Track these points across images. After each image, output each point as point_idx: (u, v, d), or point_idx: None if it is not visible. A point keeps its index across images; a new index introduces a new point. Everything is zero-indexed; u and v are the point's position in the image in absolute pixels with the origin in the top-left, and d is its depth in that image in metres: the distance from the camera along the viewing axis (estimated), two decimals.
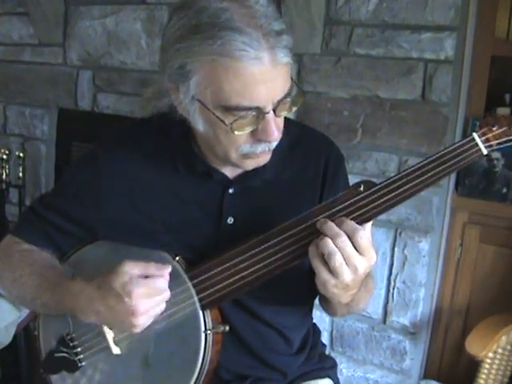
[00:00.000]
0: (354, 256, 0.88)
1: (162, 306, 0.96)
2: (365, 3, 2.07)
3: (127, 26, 2.54)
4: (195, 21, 0.87)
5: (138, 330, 0.95)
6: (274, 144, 0.97)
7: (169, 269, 0.96)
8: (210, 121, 0.93)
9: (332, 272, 0.88)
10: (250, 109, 0.89)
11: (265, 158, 1.00)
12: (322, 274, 0.89)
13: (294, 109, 0.97)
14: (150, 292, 0.93)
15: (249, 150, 0.95)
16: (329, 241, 0.88)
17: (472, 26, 1.96)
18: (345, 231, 0.88)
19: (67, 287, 1.00)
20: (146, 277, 0.94)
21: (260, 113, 0.90)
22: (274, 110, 0.91)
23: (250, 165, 1.00)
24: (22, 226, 1.14)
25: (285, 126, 1.03)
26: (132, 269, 0.93)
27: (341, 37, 2.13)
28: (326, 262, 0.88)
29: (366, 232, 0.90)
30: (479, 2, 1.95)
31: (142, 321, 0.94)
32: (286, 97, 0.92)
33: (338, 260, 0.87)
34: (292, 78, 0.94)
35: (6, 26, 2.88)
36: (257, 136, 0.93)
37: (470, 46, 1.98)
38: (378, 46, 2.07)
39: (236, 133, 0.91)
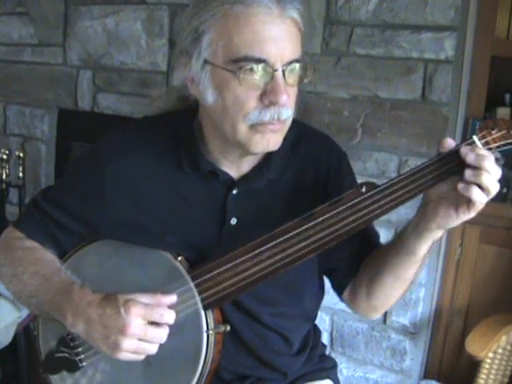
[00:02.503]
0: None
1: (152, 347, 0.95)
2: (365, 3, 2.07)
3: (127, 25, 2.54)
4: None
5: (118, 353, 0.93)
6: (284, 114, 0.95)
7: (174, 297, 0.97)
8: (220, 83, 0.94)
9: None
10: (258, 61, 0.90)
11: (274, 141, 0.98)
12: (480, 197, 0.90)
13: (306, 80, 0.97)
14: (146, 316, 0.93)
15: (257, 117, 0.94)
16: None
17: (472, 26, 1.96)
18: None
19: (70, 292, 0.99)
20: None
21: (269, 70, 0.91)
22: (284, 73, 0.92)
23: (258, 144, 0.97)
24: (25, 220, 1.14)
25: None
26: (140, 296, 0.95)
27: (341, 37, 2.13)
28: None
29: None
30: (479, 1, 1.95)
31: (127, 344, 0.92)
32: (295, 61, 0.93)
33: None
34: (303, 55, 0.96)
35: (6, 26, 2.87)
36: (265, 98, 0.93)
37: (470, 46, 1.97)
38: (378, 46, 2.07)
39: (244, 85, 0.91)
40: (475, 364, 1.81)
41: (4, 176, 2.73)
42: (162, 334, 0.95)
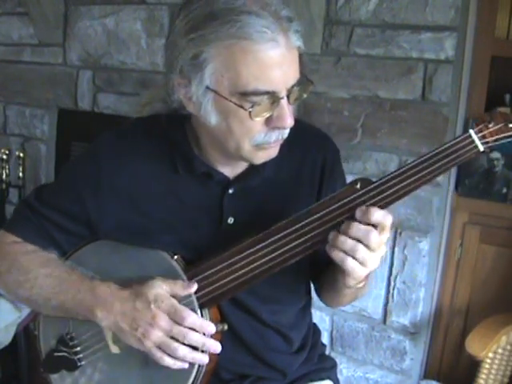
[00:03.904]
0: (369, 254, 0.91)
1: (175, 346, 0.96)
2: (365, 3, 2.06)
3: (127, 25, 2.54)
4: (209, 8, 0.88)
5: (146, 342, 0.95)
6: (287, 132, 0.97)
7: (195, 286, 0.99)
8: (225, 110, 0.93)
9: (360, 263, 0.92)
10: (266, 93, 0.90)
11: (275, 150, 1.00)
12: (348, 264, 0.92)
13: (305, 95, 0.97)
14: (173, 312, 0.96)
15: (263, 139, 0.95)
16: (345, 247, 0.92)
17: (472, 25, 1.96)
18: (356, 238, 0.91)
19: (93, 288, 1.01)
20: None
21: (275, 98, 0.91)
22: (288, 96, 0.92)
23: (261, 157, 0.99)
24: (19, 223, 1.11)
25: None
26: (162, 284, 0.98)
27: (341, 37, 2.13)
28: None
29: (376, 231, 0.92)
30: (479, 1, 1.95)
31: (154, 336, 0.95)
32: (297, 83, 0.93)
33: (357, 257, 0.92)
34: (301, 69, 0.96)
35: (6, 26, 2.88)
36: (271, 123, 0.93)
37: (470, 46, 1.97)
38: (378, 46, 2.06)
39: (255, 119, 0.91)
40: (475, 364, 1.81)
41: (4, 176, 2.73)
42: (186, 333, 0.96)
